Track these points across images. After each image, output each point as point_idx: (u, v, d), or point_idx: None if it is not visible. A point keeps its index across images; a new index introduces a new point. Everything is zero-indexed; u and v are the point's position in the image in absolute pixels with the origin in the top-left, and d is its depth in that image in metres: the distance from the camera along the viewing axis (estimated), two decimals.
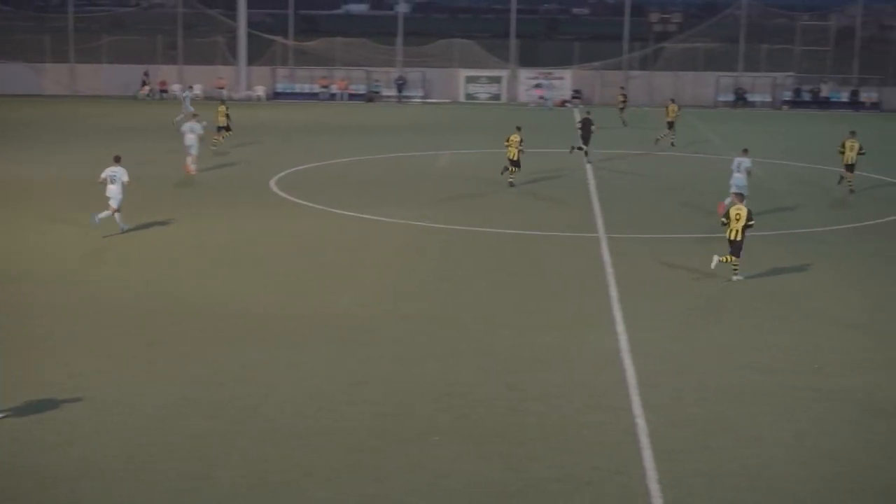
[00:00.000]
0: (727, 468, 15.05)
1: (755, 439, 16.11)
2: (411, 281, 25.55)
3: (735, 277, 25.64)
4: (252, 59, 76.34)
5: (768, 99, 75.21)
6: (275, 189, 37.80)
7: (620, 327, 21.64)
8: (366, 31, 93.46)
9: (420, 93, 75.89)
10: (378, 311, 22.84)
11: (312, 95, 73.23)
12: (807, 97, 74.59)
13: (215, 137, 46.08)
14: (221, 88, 71.60)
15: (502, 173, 39.23)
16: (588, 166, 43.25)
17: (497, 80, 76.85)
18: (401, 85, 75.18)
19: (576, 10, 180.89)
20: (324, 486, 14.42)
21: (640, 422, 16.64)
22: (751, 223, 25.78)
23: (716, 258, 25.61)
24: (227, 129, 46.78)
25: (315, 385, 18.21)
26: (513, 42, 78.28)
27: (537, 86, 75.57)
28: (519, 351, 20.20)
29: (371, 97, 75.33)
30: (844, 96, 75.22)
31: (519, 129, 39.58)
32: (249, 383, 18.25)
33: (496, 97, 76.58)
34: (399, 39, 78.76)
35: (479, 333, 21.30)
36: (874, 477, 14.82)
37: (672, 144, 51.25)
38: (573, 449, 15.64)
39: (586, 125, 45.06)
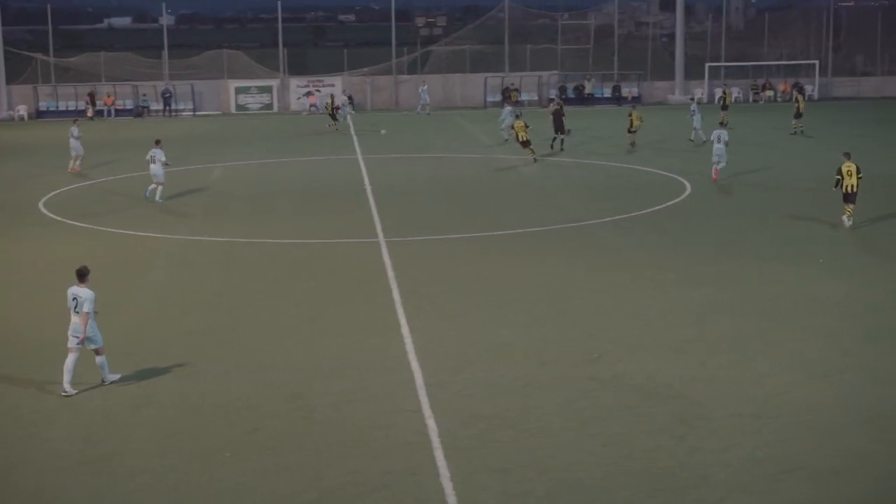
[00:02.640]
0: (516, 461, 15.35)
1: (541, 431, 16.48)
2: (191, 297, 25.17)
3: (847, 223, 30.36)
4: (12, 78, 73.87)
5: (535, 97, 77.09)
6: (44, 210, 36.66)
7: (405, 330, 21.83)
8: (130, 44, 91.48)
9: (190, 105, 74.84)
10: (157, 329, 22.42)
11: (79, 112, 71.18)
12: (572, 94, 76.79)
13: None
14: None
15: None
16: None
17: (268, 89, 76.46)
18: (167, 98, 73.93)
19: (342, 17, 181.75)
20: None
21: (430, 422, 16.82)
22: (860, 175, 30.10)
23: (845, 218, 30.33)
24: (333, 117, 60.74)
25: (98, 409, 17.75)
26: (281, 51, 77.97)
27: (308, 93, 75.52)
28: (305, 360, 20.15)
29: (139, 112, 73.87)
30: (607, 92, 77.97)
31: (634, 107, 51.41)
32: (28, 412, 17.67)
33: (268, 107, 76.19)
34: (164, 52, 77.50)
35: (264, 346, 21.14)
36: (657, 459, 15.33)
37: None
38: (366, 453, 15.70)
39: (557, 115, 49.19)
